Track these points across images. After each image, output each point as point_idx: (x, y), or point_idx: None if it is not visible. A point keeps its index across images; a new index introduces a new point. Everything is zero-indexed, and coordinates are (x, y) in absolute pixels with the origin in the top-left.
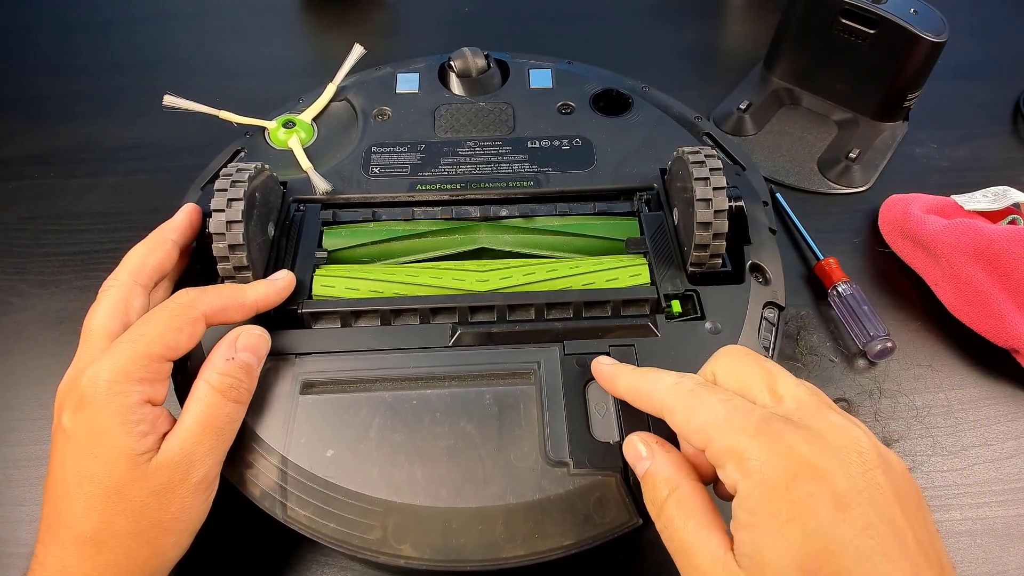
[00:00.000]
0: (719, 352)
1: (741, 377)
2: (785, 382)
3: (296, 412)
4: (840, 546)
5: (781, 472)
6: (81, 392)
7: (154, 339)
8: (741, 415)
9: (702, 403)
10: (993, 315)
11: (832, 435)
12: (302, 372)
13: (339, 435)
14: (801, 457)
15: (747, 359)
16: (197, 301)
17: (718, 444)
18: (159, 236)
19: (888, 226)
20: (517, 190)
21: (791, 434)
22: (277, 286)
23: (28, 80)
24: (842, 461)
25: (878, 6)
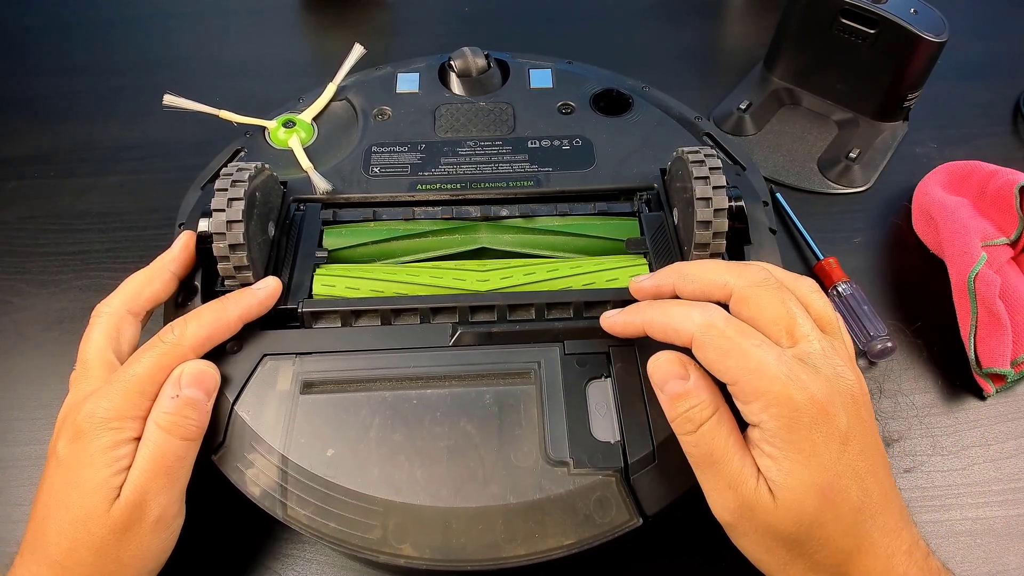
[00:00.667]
0: (749, 273)
1: (765, 312)
2: (802, 325)
3: (296, 412)
4: (844, 469)
5: (806, 417)
6: (78, 425)
7: (146, 378)
8: (771, 364)
9: (735, 348)
10: None
11: (835, 381)
12: (302, 372)
13: (339, 435)
14: (819, 404)
15: (774, 296)
16: (183, 338)
17: (747, 386)
18: (158, 266)
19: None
20: (517, 190)
21: (812, 383)
22: (259, 296)
23: (28, 80)
24: (843, 403)
25: (878, 6)
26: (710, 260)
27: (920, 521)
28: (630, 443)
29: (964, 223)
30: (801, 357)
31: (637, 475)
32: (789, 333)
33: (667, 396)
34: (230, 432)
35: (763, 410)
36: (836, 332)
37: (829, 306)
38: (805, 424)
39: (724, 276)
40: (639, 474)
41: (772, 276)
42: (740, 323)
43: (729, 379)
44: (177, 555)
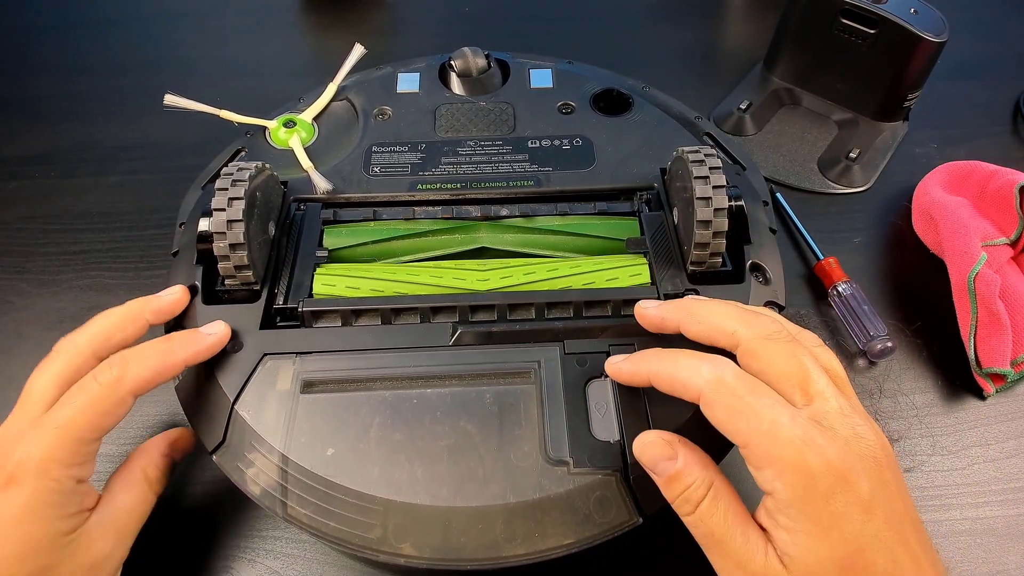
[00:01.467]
0: (759, 324)
1: (777, 367)
2: (817, 382)
3: (296, 411)
4: (869, 542)
5: (823, 486)
6: (11, 472)
7: (82, 425)
8: (785, 427)
9: (746, 408)
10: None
11: (855, 444)
12: (303, 371)
13: (339, 434)
14: (837, 470)
15: (785, 350)
16: (124, 377)
17: (759, 450)
18: (136, 311)
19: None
20: (517, 190)
21: (829, 447)
22: (208, 341)
23: (29, 80)
24: (864, 468)
25: (878, 6)
26: (721, 303)
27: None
28: (630, 443)
29: (964, 223)
30: (817, 418)
31: (637, 475)
32: (803, 390)
33: (660, 479)
34: (230, 431)
35: (776, 478)
36: (849, 388)
37: (837, 360)
38: (822, 493)
39: (733, 324)
40: (639, 474)
41: (783, 328)
42: (752, 380)
43: (740, 441)
44: (177, 555)
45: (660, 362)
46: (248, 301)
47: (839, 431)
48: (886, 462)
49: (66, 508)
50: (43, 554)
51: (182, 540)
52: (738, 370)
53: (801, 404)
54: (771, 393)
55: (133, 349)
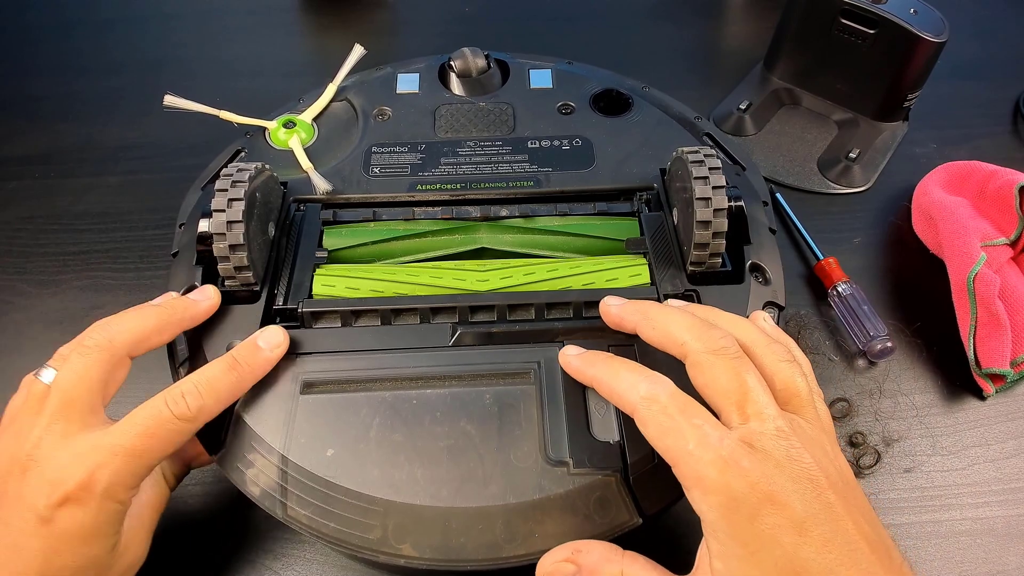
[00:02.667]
0: (709, 337)
1: (718, 384)
2: (756, 401)
3: (296, 412)
4: (806, 565)
5: (746, 507)
6: (69, 492)
7: (155, 454)
8: (709, 447)
9: (674, 427)
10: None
11: (789, 466)
12: (302, 372)
13: (339, 435)
14: (763, 491)
15: (728, 366)
16: (202, 411)
17: (685, 470)
18: (174, 318)
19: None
20: (517, 190)
21: (755, 468)
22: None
23: (29, 80)
24: (798, 490)
25: (878, 6)
26: (679, 310)
27: (920, 521)
28: (630, 443)
29: (964, 223)
30: (749, 438)
31: (637, 475)
32: (740, 409)
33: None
34: (230, 433)
35: (702, 499)
36: (805, 406)
37: (800, 376)
38: (747, 515)
39: (684, 335)
40: (639, 474)
41: (733, 343)
42: (686, 399)
43: (669, 460)
44: (177, 555)
45: (604, 370)
46: (248, 302)
47: (771, 452)
48: (828, 483)
49: (120, 526)
50: (95, 566)
51: (182, 540)
52: (674, 389)
53: (737, 423)
54: (703, 413)
55: (205, 381)
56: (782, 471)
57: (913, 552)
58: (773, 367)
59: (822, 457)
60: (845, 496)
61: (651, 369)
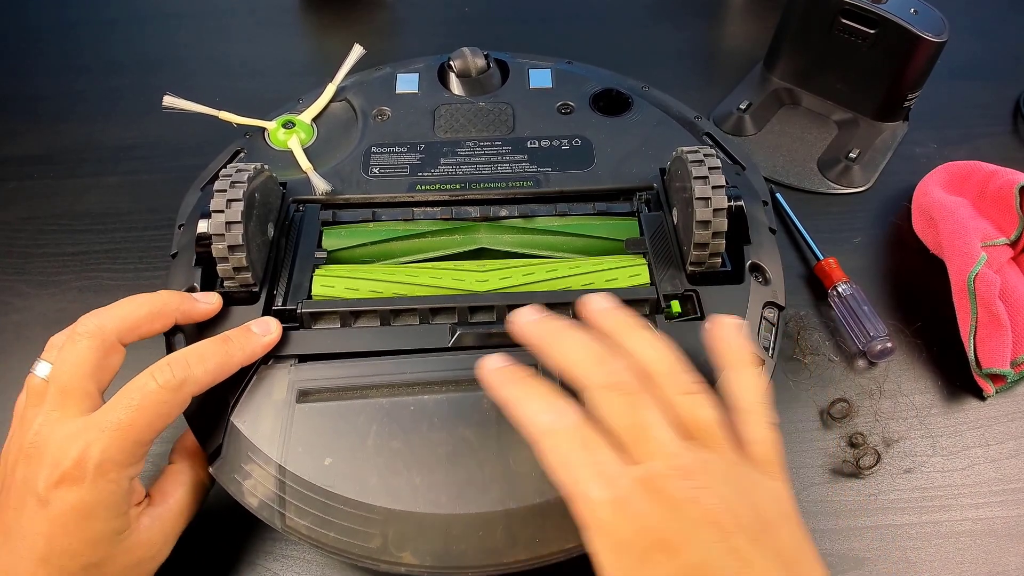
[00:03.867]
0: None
1: (613, 421)
2: (653, 440)
3: (293, 421)
4: None
5: (635, 552)
6: (66, 471)
7: (141, 427)
8: (604, 486)
9: (568, 464)
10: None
11: (687, 508)
12: (298, 380)
13: (337, 443)
14: (654, 536)
15: (622, 403)
16: (187, 381)
17: (579, 509)
18: (167, 308)
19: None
20: (517, 190)
21: (649, 511)
22: (263, 343)
23: (29, 80)
24: (696, 534)
25: (878, 6)
26: (582, 337)
27: (920, 521)
28: None
29: (964, 223)
30: (646, 478)
31: None
32: (637, 447)
33: None
34: (226, 443)
35: (593, 540)
36: (714, 439)
37: (706, 407)
38: (636, 559)
39: (580, 368)
40: None
41: (629, 376)
42: (587, 434)
43: (565, 496)
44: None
45: (514, 393)
46: (247, 303)
47: (670, 493)
48: (737, 526)
49: (121, 508)
50: (96, 551)
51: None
52: (578, 421)
53: (637, 461)
54: (602, 450)
55: (194, 351)
56: (679, 514)
57: (913, 552)
58: (674, 399)
59: (733, 496)
60: (759, 539)
61: (563, 395)
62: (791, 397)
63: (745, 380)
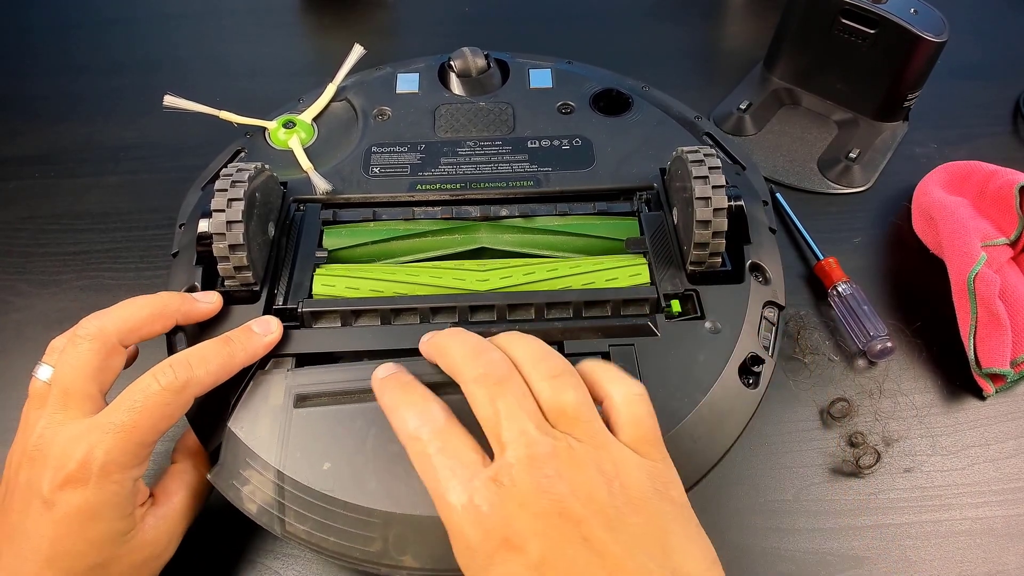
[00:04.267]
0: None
1: (478, 413)
2: (509, 429)
3: (291, 426)
4: None
5: (481, 555)
6: (70, 473)
7: (144, 428)
8: (453, 492)
9: (431, 468)
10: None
11: (535, 501)
12: (295, 385)
13: (335, 447)
14: (498, 536)
15: (484, 394)
16: (189, 382)
17: (441, 515)
18: (168, 309)
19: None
20: (517, 190)
21: (493, 511)
22: (264, 343)
23: (28, 80)
24: (540, 528)
25: (878, 6)
26: (462, 337)
27: (920, 521)
28: None
29: (964, 223)
30: (498, 474)
31: None
32: (496, 438)
33: None
34: (224, 449)
35: (452, 545)
36: (576, 422)
37: (568, 389)
38: (481, 564)
39: (458, 364)
40: None
41: (495, 367)
42: (447, 437)
43: (433, 502)
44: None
45: (389, 400)
46: (248, 302)
47: (518, 487)
48: (589, 513)
49: (125, 509)
50: (101, 552)
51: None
52: (441, 426)
53: (497, 455)
54: (462, 452)
55: (196, 352)
56: (525, 509)
57: (913, 552)
58: (536, 386)
59: (590, 480)
60: (619, 523)
61: (434, 400)
62: (791, 397)
63: (596, 367)
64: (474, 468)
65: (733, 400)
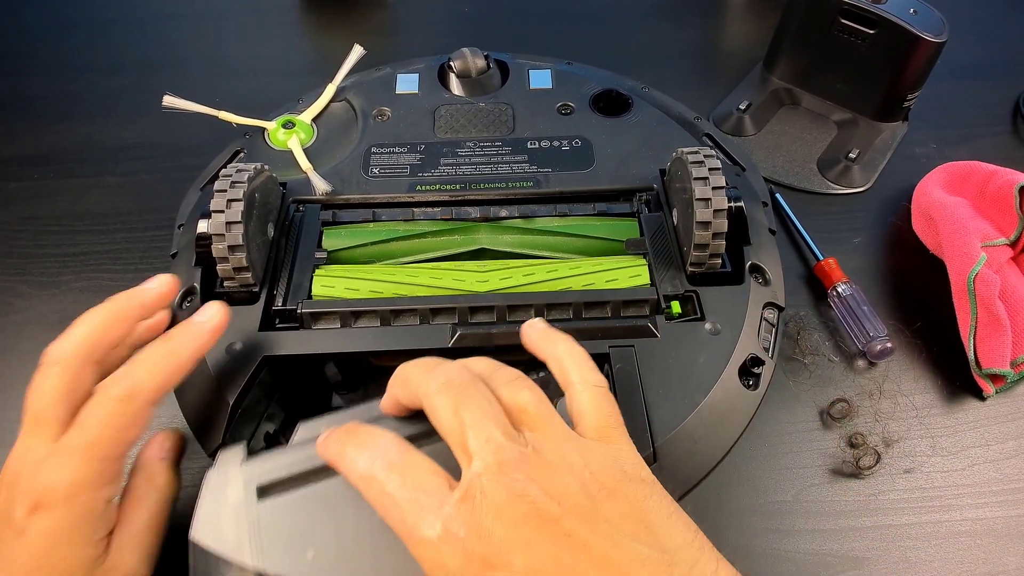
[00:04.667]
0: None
1: (441, 426)
2: (475, 437)
3: (260, 521)
4: None
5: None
6: (37, 498)
7: (105, 443)
8: (423, 525)
9: (393, 507)
10: None
11: (510, 509)
12: (253, 476)
13: (315, 533)
14: (479, 558)
15: (447, 404)
16: (136, 388)
17: (414, 552)
18: (122, 310)
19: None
20: (517, 191)
21: (469, 535)
22: (206, 328)
23: (28, 80)
24: (520, 538)
25: (878, 6)
26: (419, 361)
27: (920, 522)
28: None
29: (964, 223)
30: (470, 490)
31: None
32: (463, 449)
33: None
34: (193, 564)
35: (416, 558)
36: (539, 420)
37: (524, 389)
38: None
39: (416, 382)
40: None
41: (455, 376)
42: (403, 469)
43: (405, 543)
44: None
45: (337, 447)
46: (247, 303)
47: (492, 496)
48: (565, 509)
49: (97, 532)
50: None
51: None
52: (393, 458)
53: (464, 467)
54: (423, 481)
55: (138, 359)
56: (501, 519)
57: (913, 552)
58: (499, 391)
59: (558, 476)
60: (594, 514)
61: (383, 433)
62: (791, 397)
63: (563, 357)
64: (441, 494)
65: (733, 401)
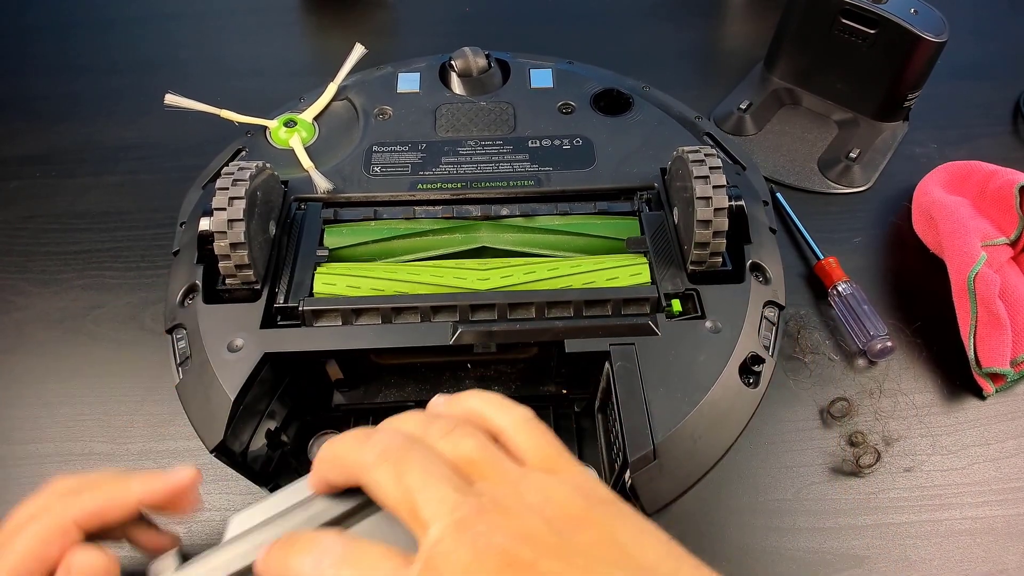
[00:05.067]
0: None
1: (387, 501)
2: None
3: None
4: None
5: None
6: None
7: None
8: None
9: None
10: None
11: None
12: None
13: None
14: None
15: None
16: (68, 510)
17: None
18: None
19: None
20: (518, 189)
21: None
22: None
23: (28, 80)
24: None
25: (878, 6)
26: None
27: (920, 520)
28: (630, 443)
29: (964, 223)
30: (429, 562)
31: (637, 474)
32: (415, 520)
33: None
34: None
35: None
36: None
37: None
38: None
39: (352, 458)
40: (639, 473)
41: (390, 441)
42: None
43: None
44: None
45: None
46: (249, 300)
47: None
48: (536, 548)
49: None
50: None
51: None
52: (340, 552)
53: (420, 538)
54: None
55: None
56: None
57: (913, 551)
58: (438, 446)
59: (523, 522)
60: (566, 547)
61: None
62: (791, 396)
63: (479, 408)
64: (399, 574)
65: (733, 399)
